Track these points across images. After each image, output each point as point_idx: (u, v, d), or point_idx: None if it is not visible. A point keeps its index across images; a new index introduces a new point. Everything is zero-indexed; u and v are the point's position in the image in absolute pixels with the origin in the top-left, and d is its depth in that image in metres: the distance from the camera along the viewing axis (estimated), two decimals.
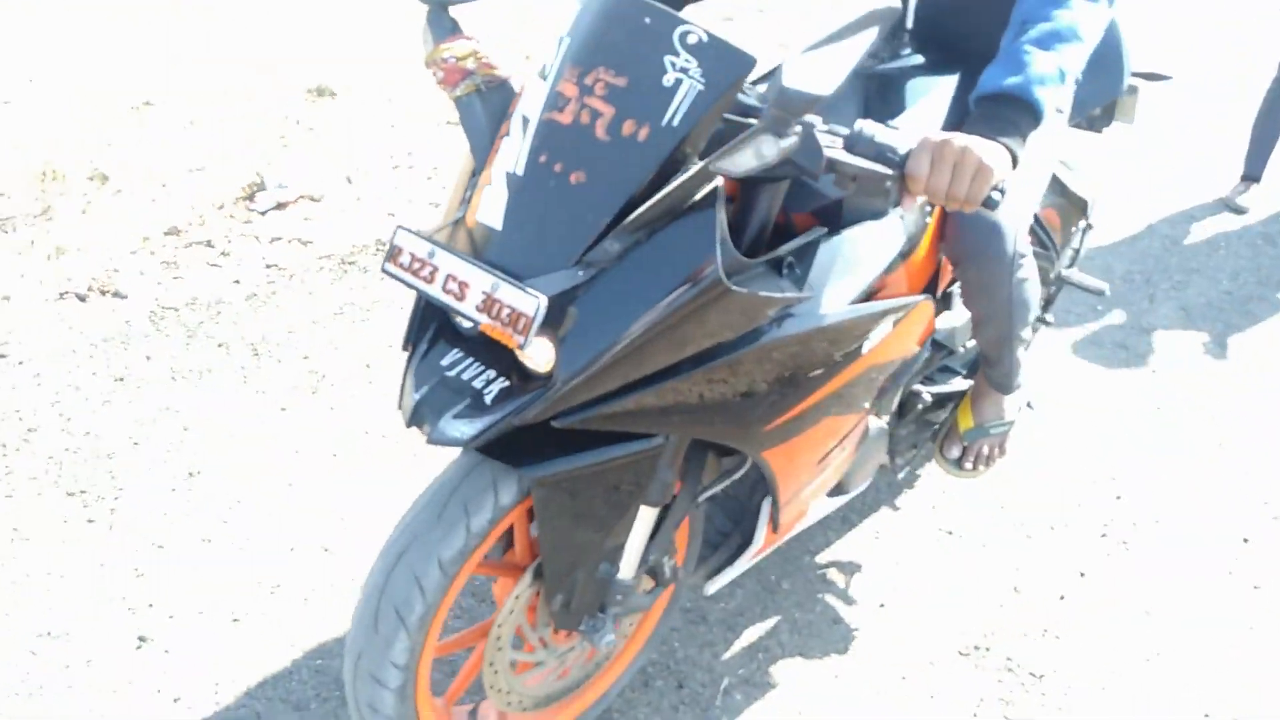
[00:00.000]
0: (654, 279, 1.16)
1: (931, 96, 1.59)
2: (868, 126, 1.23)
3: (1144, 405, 2.76)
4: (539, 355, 1.20)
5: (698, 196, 1.17)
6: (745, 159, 1.12)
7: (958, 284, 1.84)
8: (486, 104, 1.34)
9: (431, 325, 1.30)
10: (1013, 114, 1.26)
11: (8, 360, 2.45)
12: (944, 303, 2.03)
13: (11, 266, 2.80)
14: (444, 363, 1.26)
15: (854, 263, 1.43)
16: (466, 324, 1.27)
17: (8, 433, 2.24)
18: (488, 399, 1.21)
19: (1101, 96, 2.06)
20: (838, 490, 1.88)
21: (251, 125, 3.82)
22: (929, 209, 1.62)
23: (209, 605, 1.90)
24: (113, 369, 2.46)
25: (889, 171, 1.20)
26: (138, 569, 1.96)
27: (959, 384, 2.09)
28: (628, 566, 1.48)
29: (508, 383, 1.22)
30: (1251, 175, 3.97)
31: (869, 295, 1.49)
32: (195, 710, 1.73)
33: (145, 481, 2.16)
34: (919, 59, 1.66)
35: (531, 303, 1.11)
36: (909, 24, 1.72)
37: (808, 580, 2.13)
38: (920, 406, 2.02)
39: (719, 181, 1.17)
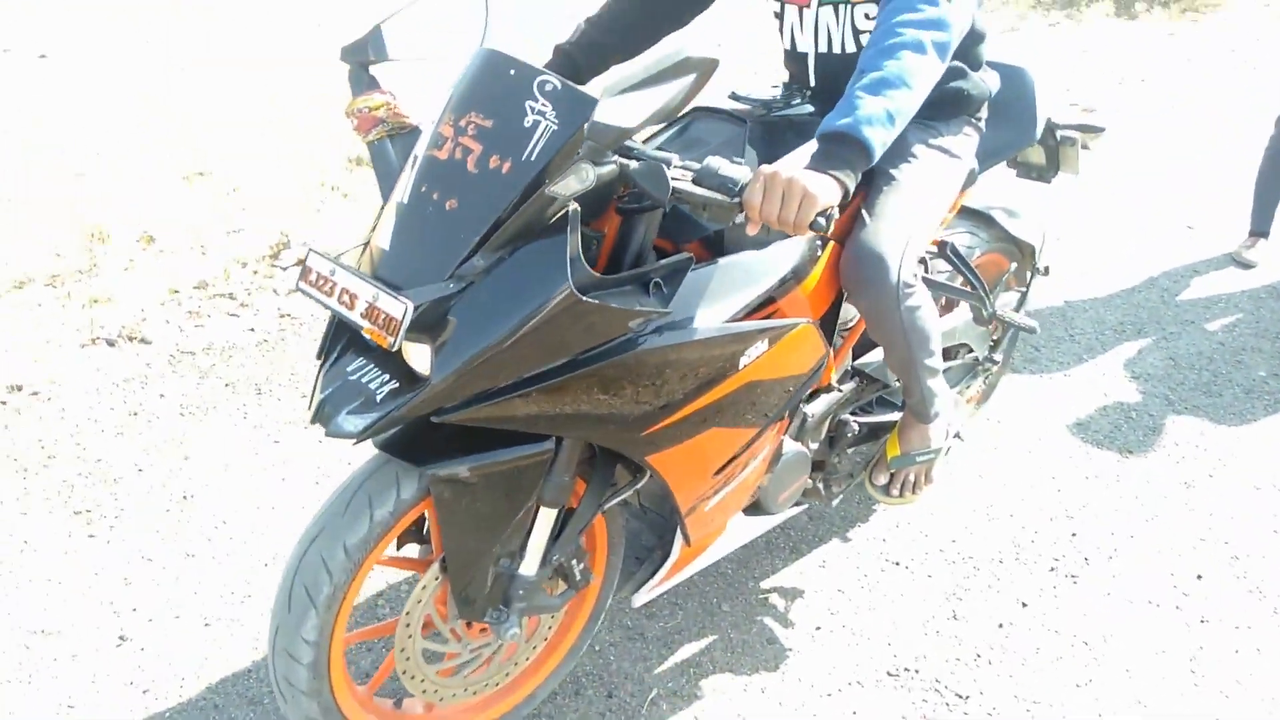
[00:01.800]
0: (516, 291, 1.33)
1: (813, 141, 1.75)
2: (714, 161, 1.40)
3: (1113, 448, 2.81)
4: (424, 360, 1.38)
5: (553, 220, 1.34)
6: (570, 184, 1.30)
7: None
8: (398, 148, 1.55)
9: (344, 338, 1.48)
10: (845, 151, 1.41)
11: (38, 397, 2.72)
12: None
13: (53, 316, 3.10)
14: (349, 369, 1.44)
15: (729, 286, 1.58)
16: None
17: (30, 459, 2.49)
18: (378, 398, 1.38)
19: (1013, 145, 2.19)
20: (759, 510, 2.00)
21: (290, 192, 4.15)
22: (820, 242, 1.77)
23: (185, 610, 2.09)
24: (129, 405, 2.71)
25: (729, 200, 1.37)
26: (126, 578, 2.16)
27: (892, 416, 2.20)
28: (530, 564, 1.62)
29: (397, 384, 1.39)
30: (1259, 231, 4.00)
31: (750, 316, 1.63)
32: (162, 701, 1.90)
33: (144, 503, 2.37)
34: (809, 108, 1.82)
35: (400, 308, 1.29)
36: (812, 82, 1.89)
37: (748, 603, 2.22)
38: (850, 435, 2.13)
39: (574, 206, 1.35)
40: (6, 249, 3.49)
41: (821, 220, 1.35)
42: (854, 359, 2.16)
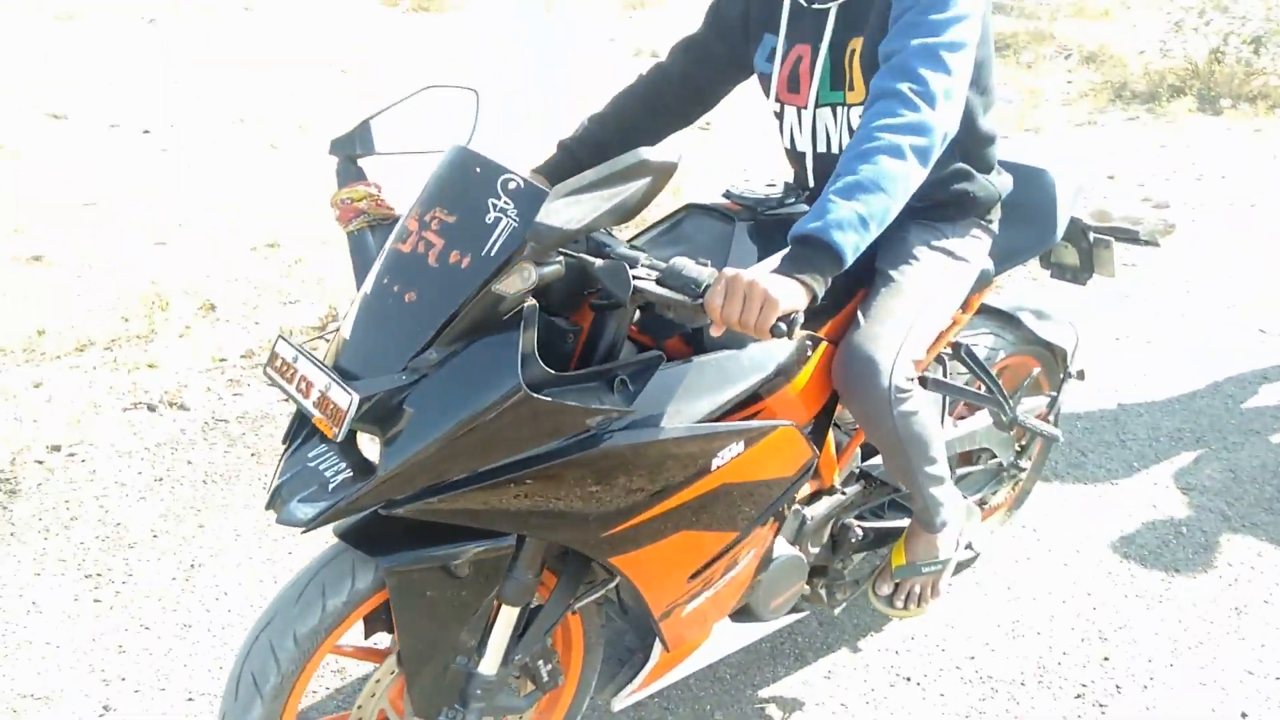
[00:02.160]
0: (467, 385, 1.32)
1: None
2: (679, 262, 1.38)
3: (1159, 566, 2.63)
4: (376, 451, 1.37)
5: (508, 316, 1.33)
6: (514, 282, 1.29)
7: None
8: (378, 239, 1.57)
9: (309, 425, 1.49)
10: (813, 255, 1.38)
11: (74, 458, 2.81)
12: None
13: (103, 379, 3.22)
14: (310, 456, 1.44)
15: (704, 385, 1.54)
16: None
17: (53, 520, 2.56)
18: (330, 487, 1.37)
19: (1032, 246, 2.12)
20: (749, 616, 1.91)
21: (349, 264, 4.26)
22: (810, 344, 1.72)
23: (171, 683, 2.09)
24: (156, 470, 2.77)
25: (691, 301, 1.34)
26: (121, 646, 2.18)
27: (899, 522, 2.10)
28: (489, 663, 1.57)
29: (351, 474, 1.38)
30: None
31: (732, 415, 1.59)
32: None
33: (153, 570, 2.41)
34: (804, 208, 1.79)
35: (346, 399, 1.29)
36: (810, 182, 1.87)
37: (743, 713, 2.12)
38: (854, 540, 2.04)
39: (531, 302, 1.34)
40: (81, 313, 3.66)
41: (783, 325, 1.31)
42: (864, 459, 2.08)
